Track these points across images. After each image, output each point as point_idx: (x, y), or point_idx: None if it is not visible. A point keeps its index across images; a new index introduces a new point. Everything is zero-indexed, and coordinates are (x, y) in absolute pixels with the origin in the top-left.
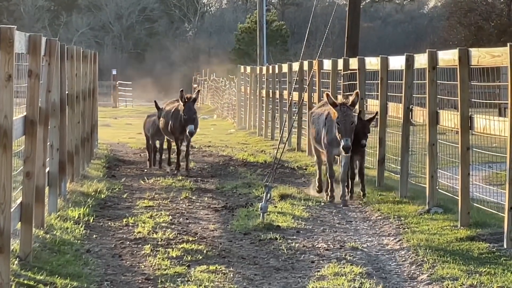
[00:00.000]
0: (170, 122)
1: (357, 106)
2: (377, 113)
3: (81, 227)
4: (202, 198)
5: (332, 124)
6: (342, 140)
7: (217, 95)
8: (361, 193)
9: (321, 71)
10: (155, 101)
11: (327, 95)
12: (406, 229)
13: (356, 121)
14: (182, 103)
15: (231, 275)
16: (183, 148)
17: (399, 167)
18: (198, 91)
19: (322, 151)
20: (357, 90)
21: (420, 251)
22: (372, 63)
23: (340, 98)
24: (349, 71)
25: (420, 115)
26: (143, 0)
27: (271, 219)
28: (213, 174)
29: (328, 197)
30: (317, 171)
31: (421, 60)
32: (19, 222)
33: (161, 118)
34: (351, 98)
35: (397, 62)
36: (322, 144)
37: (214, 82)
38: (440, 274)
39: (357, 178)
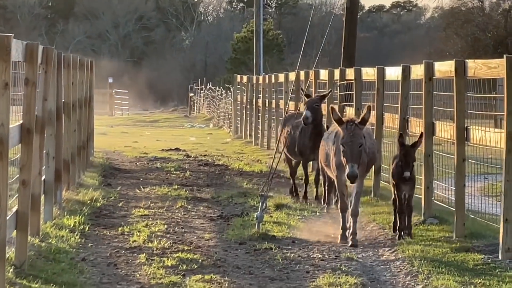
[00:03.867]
0: (296, 139)
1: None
2: (422, 134)
3: (77, 235)
4: (198, 207)
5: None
6: (347, 166)
7: (213, 104)
8: (407, 231)
9: (318, 81)
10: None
11: (332, 109)
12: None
13: (366, 143)
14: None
15: (226, 285)
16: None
17: None
18: (330, 90)
19: (333, 178)
20: (369, 104)
21: (415, 262)
22: (369, 73)
23: (349, 113)
24: (345, 81)
25: (416, 126)
26: (140, 8)
27: (267, 229)
28: (209, 183)
29: (340, 237)
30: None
31: (417, 71)
32: (15, 230)
33: (283, 131)
34: (362, 114)
35: (393, 73)
36: (331, 168)
37: (210, 91)
38: (435, 285)
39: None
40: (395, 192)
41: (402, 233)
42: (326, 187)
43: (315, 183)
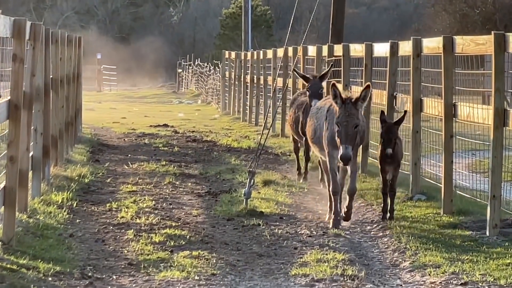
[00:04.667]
0: (300, 118)
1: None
2: (405, 112)
3: (65, 211)
4: (186, 184)
5: (334, 118)
6: (341, 147)
7: (202, 80)
8: (388, 214)
9: (306, 57)
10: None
11: (334, 85)
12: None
13: (362, 124)
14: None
15: (214, 261)
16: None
17: None
18: (332, 65)
19: (323, 156)
20: (368, 82)
21: (403, 238)
22: (357, 49)
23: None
24: (333, 58)
25: (404, 102)
26: None
27: (254, 205)
28: (197, 159)
29: (331, 220)
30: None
31: (405, 47)
32: (2, 206)
33: (290, 112)
34: (360, 93)
35: (381, 49)
36: (322, 144)
37: (199, 67)
38: (422, 262)
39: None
40: (380, 172)
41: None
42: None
43: (305, 161)
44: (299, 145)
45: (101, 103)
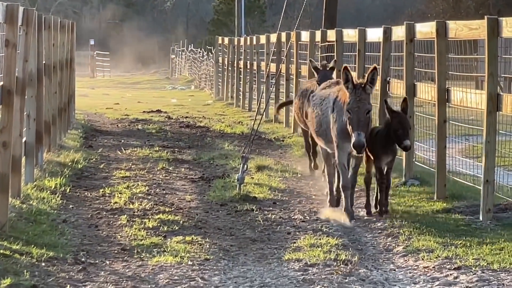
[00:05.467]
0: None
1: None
2: (405, 99)
3: (58, 197)
4: (179, 169)
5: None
6: (353, 135)
7: (195, 66)
8: (381, 206)
9: (299, 42)
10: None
11: (346, 69)
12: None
13: (371, 110)
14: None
15: (207, 246)
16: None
17: None
18: (335, 60)
19: (330, 149)
20: (375, 64)
21: (396, 223)
22: (350, 35)
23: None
24: (326, 43)
25: (397, 87)
26: None
27: (248, 190)
28: (190, 145)
29: (343, 214)
30: (328, 184)
31: (398, 33)
32: None
33: (295, 101)
34: (367, 76)
35: (374, 34)
36: (328, 137)
37: (192, 53)
38: (415, 246)
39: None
40: (375, 164)
41: (383, 209)
42: (311, 153)
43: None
44: (309, 137)
45: (94, 89)
